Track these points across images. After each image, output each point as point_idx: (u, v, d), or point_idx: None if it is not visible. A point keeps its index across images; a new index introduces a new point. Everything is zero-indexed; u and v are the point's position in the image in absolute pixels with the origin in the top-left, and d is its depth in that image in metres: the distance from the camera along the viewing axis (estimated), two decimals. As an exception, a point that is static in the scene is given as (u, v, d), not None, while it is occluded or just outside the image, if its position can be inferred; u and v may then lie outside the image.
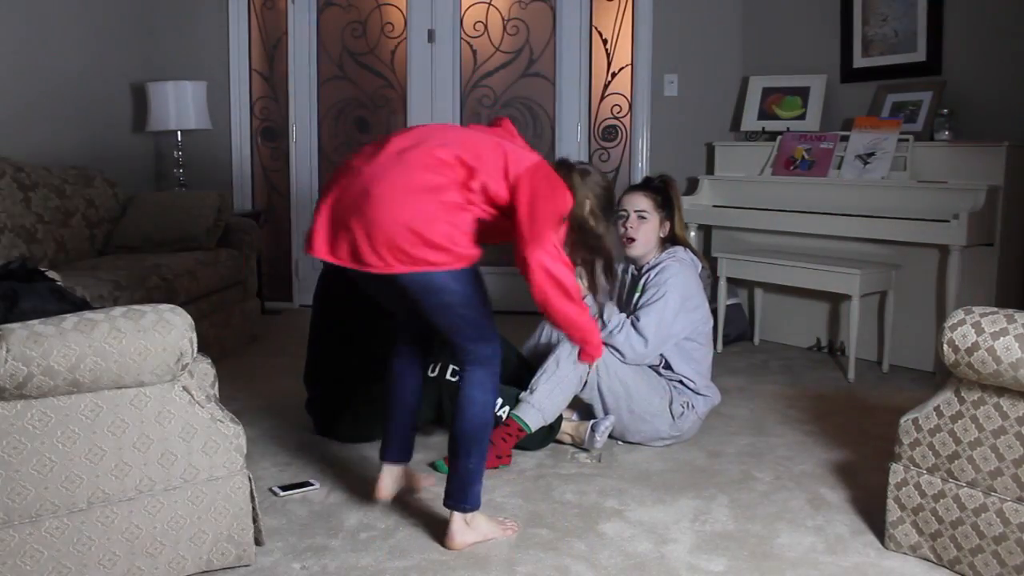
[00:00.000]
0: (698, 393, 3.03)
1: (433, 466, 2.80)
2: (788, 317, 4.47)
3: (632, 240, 3.05)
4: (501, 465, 2.79)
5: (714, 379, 3.17)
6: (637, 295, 3.04)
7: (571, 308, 2.14)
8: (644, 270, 3.07)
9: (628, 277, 3.18)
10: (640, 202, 3.05)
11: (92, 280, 3.38)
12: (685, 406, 2.98)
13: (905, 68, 4.24)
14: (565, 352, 2.87)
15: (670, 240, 3.11)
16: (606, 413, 2.94)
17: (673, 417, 2.96)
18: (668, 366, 3.02)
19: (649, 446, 3.01)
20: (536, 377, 2.88)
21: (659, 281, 2.97)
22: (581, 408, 3.05)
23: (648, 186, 3.12)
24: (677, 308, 2.95)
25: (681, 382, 3.02)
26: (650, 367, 3.03)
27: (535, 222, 2.09)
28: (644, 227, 3.04)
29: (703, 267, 3.13)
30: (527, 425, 2.81)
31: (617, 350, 2.91)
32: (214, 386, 2.27)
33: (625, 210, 3.07)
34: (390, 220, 2.03)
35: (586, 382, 2.89)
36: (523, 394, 2.86)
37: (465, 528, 2.28)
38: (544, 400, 2.84)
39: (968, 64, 4.02)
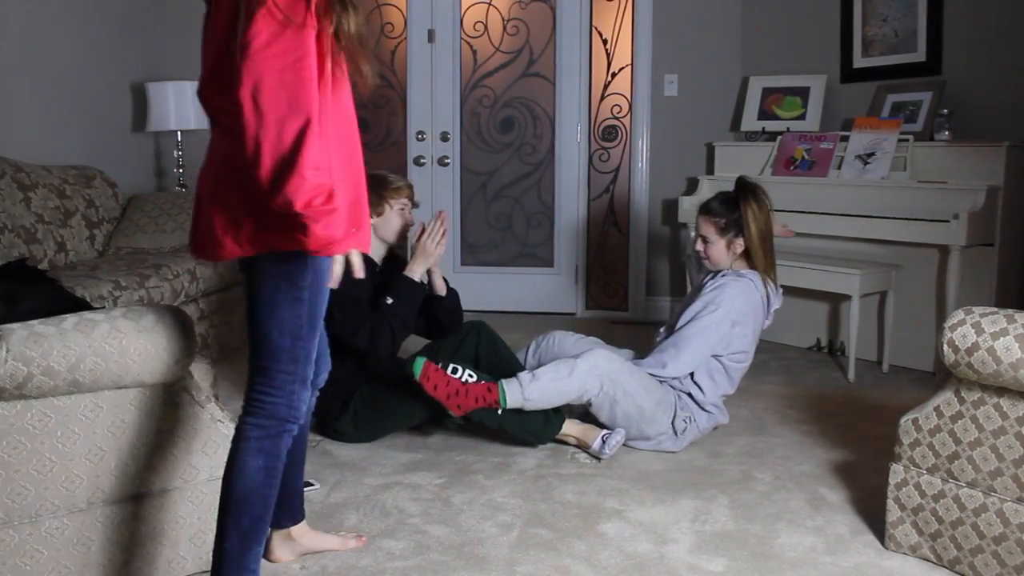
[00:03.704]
0: (703, 408, 3.01)
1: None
2: (788, 317, 4.47)
3: (704, 259, 3.09)
4: (449, 414, 2.77)
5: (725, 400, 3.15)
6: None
7: None
8: (712, 276, 3.08)
9: (704, 278, 3.17)
10: (703, 227, 3.05)
11: (92, 280, 3.38)
12: (687, 421, 2.96)
13: (905, 68, 4.24)
14: (585, 365, 2.83)
15: (748, 260, 3.07)
16: (614, 427, 2.92)
17: (676, 433, 2.95)
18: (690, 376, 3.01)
19: (649, 446, 3.01)
20: (545, 368, 2.84)
21: (712, 299, 2.96)
22: (578, 408, 3.04)
23: (712, 209, 3.05)
24: (725, 331, 2.95)
25: (690, 394, 2.99)
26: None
27: None
28: (711, 249, 3.04)
29: (774, 291, 3.06)
30: (504, 400, 2.78)
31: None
32: (214, 386, 2.27)
33: (695, 232, 3.11)
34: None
35: (590, 401, 2.87)
36: (523, 373, 2.84)
37: None
38: (535, 392, 2.79)
39: (968, 64, 4.02)
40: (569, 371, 2.83)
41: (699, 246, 3.07)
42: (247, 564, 1.79)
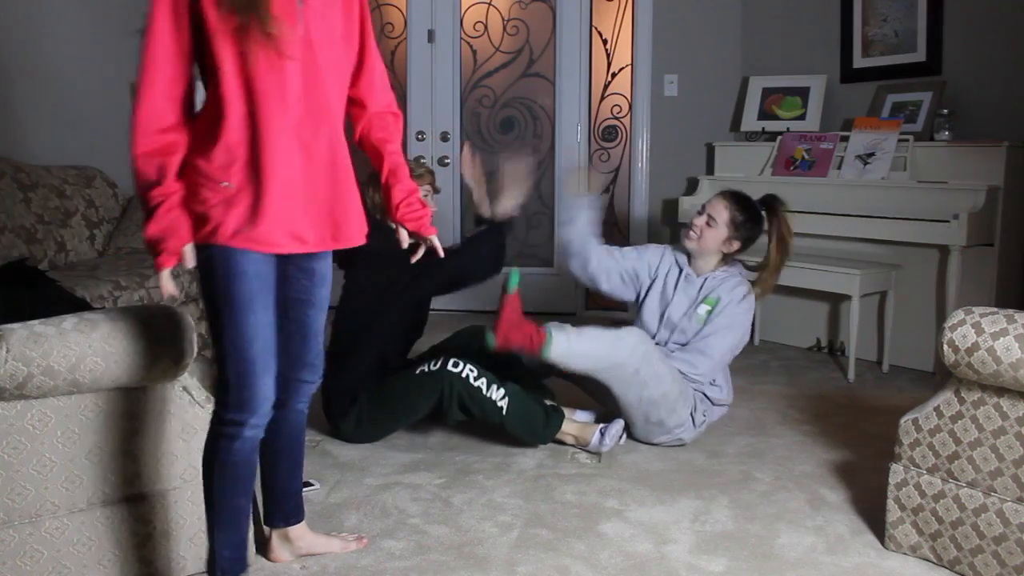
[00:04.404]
0: (715, 404, 3.02)
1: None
2: (788, 317, 4.47)
3: (692, 236, 3.00)
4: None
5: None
6: (710, 308, 2.97)
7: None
8: (707, 280, 3.03)
9: (680, 274, 3.09)
10: (717, 206, 2.98)
11: (92, 280, 3.38)
12: (705, 415, 2.98)
13: (905, 68, 4.24)
14: (631, 340, 2.79)
15: (733, 257, 3.05)
16: (633, 422, 2.93)
17: (695, 424, 2.95)
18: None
19: (649, 446, 3.00)
20: (590, 328, 2.83)
21: (738, 311, 2.94)
22: (595, 409, 3.05)
23: (739, 199, 3.00)
24: (742, 340, 2.98)
25: (706, 395, 2.99)
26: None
27: None
28: (708, 232, 2.97)
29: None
30: (550, 346, 2.76)
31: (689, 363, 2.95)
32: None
33: (703, 207, 3.03)
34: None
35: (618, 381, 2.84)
36: (568, 326, 2.83)
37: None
38: (580, 346, 2.77)
39: (968, 64, 4.02)
40: (615, 339, 2.78)
41: (699, 221, 2.99)
42: (214, 544, 1.90)
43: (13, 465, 1.82)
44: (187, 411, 2.03)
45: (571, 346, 2.76)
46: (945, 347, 2.05)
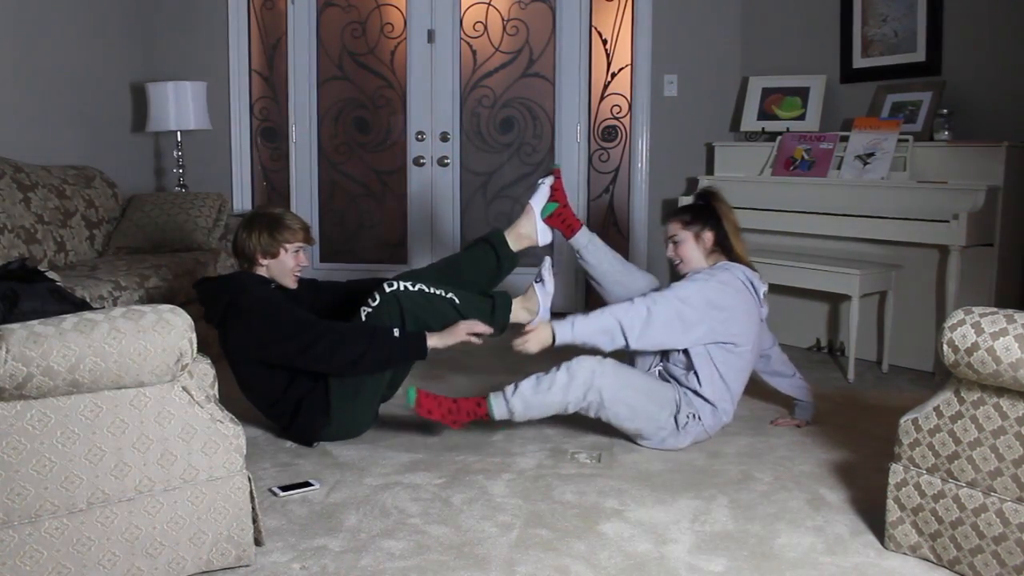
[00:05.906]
0: (707, 401, 2.95)
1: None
2: (788, 317, 4.47)
3: (677, 264, 3.11)
4: (441, 422, 2.87)
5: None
6: None
7: None
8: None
9: None
10: (670, 228, 3.11)
11: (92, 280, 3.38)
12: (691, 417, 2.93)
13: (905, 68, 4.24)
14: (564, 378, 2.82)
15: (725, 252, 3.06)
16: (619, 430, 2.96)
17: (678, 427, 2.94)
18: (691, 367, 2.95)
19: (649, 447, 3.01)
20: (527, 381, 2.86)
21: (689, 277, 2.97)
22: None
23: (675, 211, 3.17)
24: (690, 310, 2.85)
25: (696, 392, 2.94)
26: (664, 370, 3.03)
27: None
28: (681, 249, 3.07)
29: (756, 276, 3.02)
30: (492, 412, 2.86)
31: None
32: (214, 386, 2.27)
33: (665, 240, 3.17)
34: None
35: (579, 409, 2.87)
36: (507, 387, 2.86)
37: None
38: (518, 405, 2.84)
39: (968, 64, 4.03)
40: (549, 385, 2.84)
41: (670, 252, 3.10)
42: None
43: (13, 465, 1.82)
44: (187, 411, 2.03)
45: (509, 405, 2.85)
46: (945, 347, 2.05)
